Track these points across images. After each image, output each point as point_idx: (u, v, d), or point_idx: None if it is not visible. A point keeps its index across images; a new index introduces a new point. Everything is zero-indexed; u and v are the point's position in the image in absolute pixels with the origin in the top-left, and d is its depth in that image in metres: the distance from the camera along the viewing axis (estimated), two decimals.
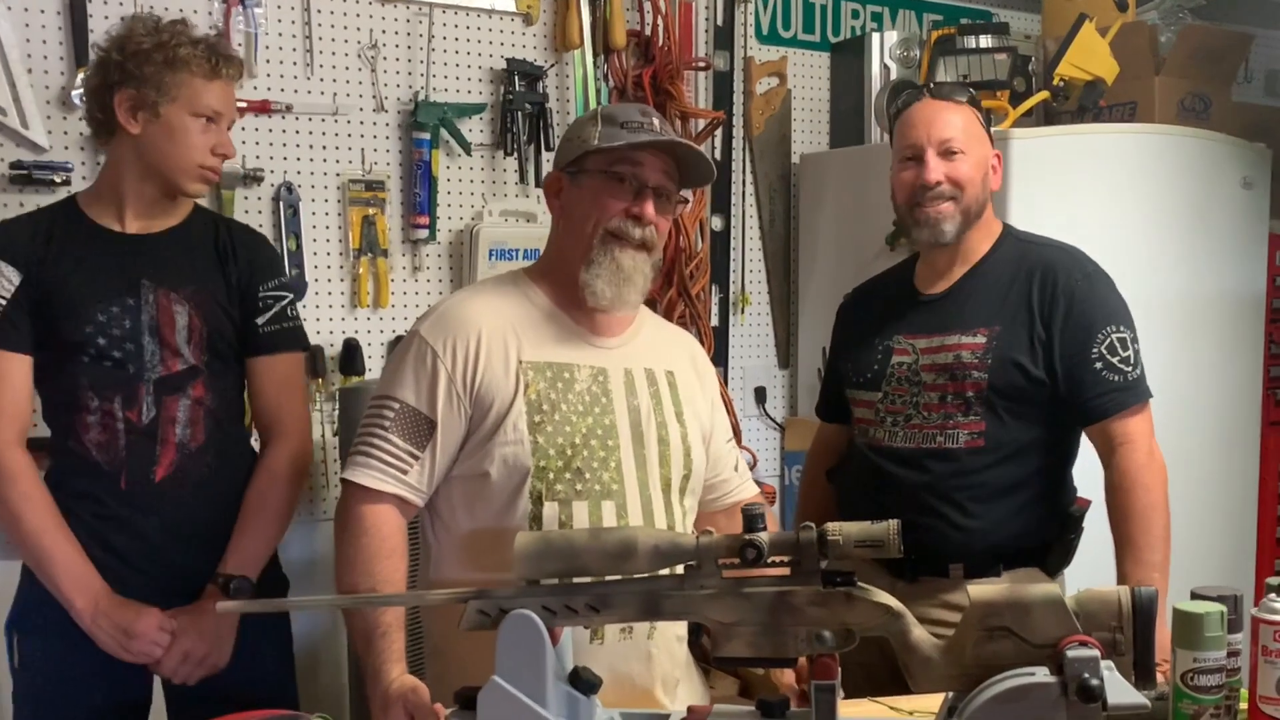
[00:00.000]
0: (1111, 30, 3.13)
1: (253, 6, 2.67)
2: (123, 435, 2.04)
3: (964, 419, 2.12)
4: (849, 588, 1.39)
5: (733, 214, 3.42)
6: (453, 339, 1.80)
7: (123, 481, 2.05)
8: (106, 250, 2.06)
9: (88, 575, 2.00)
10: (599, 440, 1.80)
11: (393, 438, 1.77)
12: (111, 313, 2.03)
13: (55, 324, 2.01)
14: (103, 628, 1.99)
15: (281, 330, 2.18)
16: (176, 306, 2.07)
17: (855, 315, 2.37)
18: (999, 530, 2.13)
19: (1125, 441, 2.06)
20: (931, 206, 2.13)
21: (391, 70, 2.87)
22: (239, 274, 2.14)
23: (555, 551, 1.42)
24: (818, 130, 3.57)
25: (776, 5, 3.46)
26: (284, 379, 2.19)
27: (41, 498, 2.01)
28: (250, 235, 2.25)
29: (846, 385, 2.29)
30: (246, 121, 2.68)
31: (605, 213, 1.80)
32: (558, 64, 3.08)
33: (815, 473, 2.46)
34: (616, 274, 1.80)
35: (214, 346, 2.10)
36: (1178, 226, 3.02)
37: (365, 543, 1.75)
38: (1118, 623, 1.36)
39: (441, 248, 2.96)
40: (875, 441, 2.21)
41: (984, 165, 2.16)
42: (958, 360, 2.12)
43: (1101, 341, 2.09)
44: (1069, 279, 2.13)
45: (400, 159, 2.89)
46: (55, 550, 1.99)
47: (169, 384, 2.07)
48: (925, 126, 2.15)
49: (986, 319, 2.13)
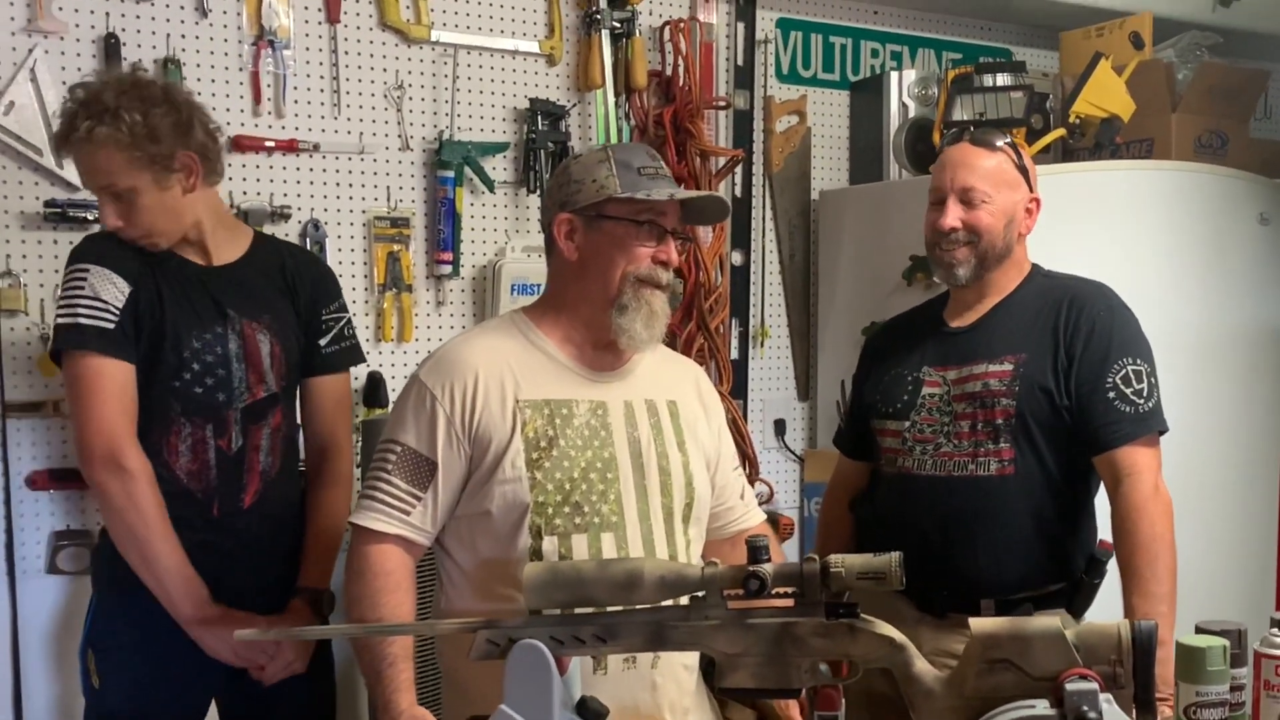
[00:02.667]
0: (1128, 68, 3.16)
1: (281, 49, 2.74)
2: (214, 465, 2.12)
3: (994, 446, 2.14)
4: (852, 619, 1.41)
5: (753, 249, 3.46)
6: (450, 382, 1.84)
7: (215, 509, 2.13)
8: (192, 281, 2.14)
9: (196, 583, 2.08)
10: (598, 473, 1.83)
11: (395, 480, 1.82)
12: (205, 339, 2.11)
13: (154, 345, 2.08)
14: (214, 633, 2.07)
15: (341, 350, 2.30)
16: (259, 335, 2.16)
17: (882, 349, 2.39)
18: (1029, 564, 2.14)
19: (1132, 473, 2.07)
20: (947, 251, 2.18)
21: (417, 110, 2.93)
22: (305, 300, 2.24)
23: (563, 582, 1.45)
24: (837, 167, 3.61)
25: (796, 45, 3.51)
26: (341, 397, 2.32)
27: (160, 502, 2.06)
28: (310, 259, 2.36)
29: (874, 416, 2.31)
30: (275, 160, 2.75)
31: (635, 260, 1.85)
32: (580, 103, 3.13)
33: (838, 507, 2.47)
34: (651, 317, 1.86)
35: (289, 373, 2.20)
36: (1195, 262, 3.03)
37: (370, 580, 1.80)
38: (1117, 656, 1.37)
39: (465, 283, 3.01)
40: (904, 470, 2.23)
41: (1010, 211, 2.18)
42: (986, 389, 2.15)
43: (1117, 372, 2.11)
44: (1093, 309, 2.16)
45: (425, 196, 2.94)
46: (169, 555, 2.05)
47: (254, 412, 2.16)
48: (951, 171, 2.19)
49: (1013, 347, 2.16)
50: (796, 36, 3.50)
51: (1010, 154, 2.21)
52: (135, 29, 2.60)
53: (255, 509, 2.17)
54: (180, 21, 2.65)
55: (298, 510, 2.26)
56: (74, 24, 2.54)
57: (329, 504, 2.26)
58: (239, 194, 2.71)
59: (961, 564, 2.14)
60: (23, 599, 2.51)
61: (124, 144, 2.01)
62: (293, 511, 2.25)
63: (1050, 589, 2.16)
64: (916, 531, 2.15)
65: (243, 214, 2.69)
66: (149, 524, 2.04)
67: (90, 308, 2.05)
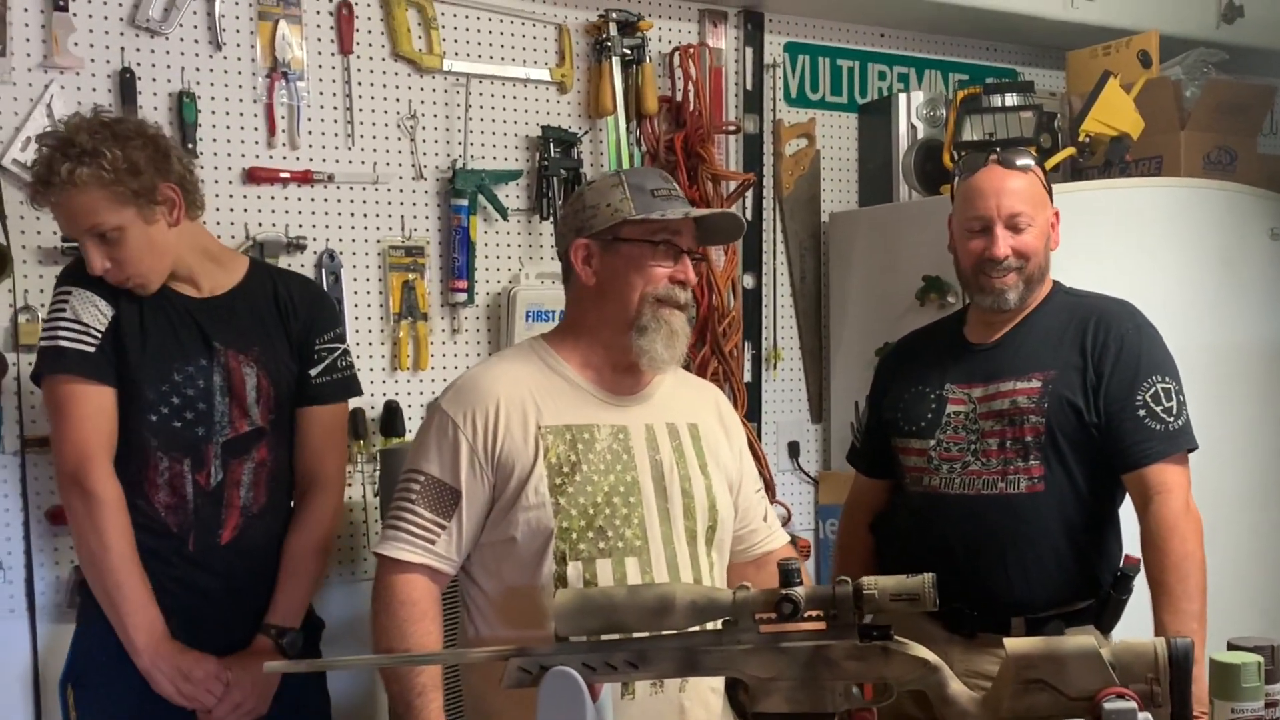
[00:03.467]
0: (1136, 87, 3.17)
1: (295, 81, 2.76)
2: (191, 499, 2.09)
3: (1024, 464, 2.14)
4: (886, 641, 1.41)
5: (764, 272, 3.47)
6: (472, 410, 1.84)
7: (191, 544, 2.10)
8: (178, 312, 2.12)
9: (155, 618, 2.04)
10: (621, 498, 1.84)
11: (420, 509, 1.82)
12: (187, 372, 2.09)
13: (130, 378, 2.06)
14: (161, 669, 2.03)
15: (332, 381, 2.25)
16: (245, 368, 2.13)
17: (901, 366, 2.38)
18: (1059, 580, 2.14)
19: (1162, 490, 2.07)
20: (998, 279, 2.17)
21: (430, 139, 2.94)
22: (299, 329, 2.20)
23: (594, 608, 1.45)
24: (846, 189, 3.62)
25: (805, 69, 3.52)
26: (329, 429, 2.26)
27: (128, 531, 2.04)
28: (307, 288, 2.31)
29: (895, 434, 2.30)
30: (290, 191, 2.76)
31: (653, 281, 1.86)
32: (591, 130, 3.15)
33: (856, 527, 2.46)
34: (671, 337, 1.87)
35: (279, 406, 2.16)
36: (1206, 278, 3.04)
37: (397, 610, 1.80)
38: (1154, 674, 1.37)
39: (480, 310, 3.01)
40: (931, 489, 2.22)
41: (1046, 231, 2.19)
42: (1014, 405, 2.14)
43: (1147, 390, 2.11)
44: (1121, 327, 2.16)
45: (439, 225, 2.95)
46: (130, 586, 2.03)
47: (235, 446, 2.12)
48: (995, 198, 2.17)
49: (1040, 364, 2.16)
50: (804, 60, 3.52)
51: (1038, 172, 2.21)
52: (150, 63, 2.62)
53: (234, 545, 2.13)
54: (195, 55, 2.66)
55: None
56: (89, 59, 2.56)
57: (304, 538, 2.21)
58: (254, 226, 2.72)
59: (992, 583, 2.14)
60: (42, 632, 2.50)
61: (107, 181, 1.99)
62: (277, 549, 2.20)
63: (1079, 605, 2.16)
64: (945, 551, 2.15)
65: (258, 245, 2.70)
66: (109, 549, 2.01)
67: (71, 331, 2.04)
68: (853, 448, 2.53)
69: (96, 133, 2.01)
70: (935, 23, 3.62)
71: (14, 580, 2.49)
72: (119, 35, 2.59)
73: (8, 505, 2.49)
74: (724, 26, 3.35)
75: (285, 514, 2.22)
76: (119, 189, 2.00)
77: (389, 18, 2.87)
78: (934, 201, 3.16)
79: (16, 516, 2.49)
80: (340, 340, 2.29)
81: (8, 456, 2.48)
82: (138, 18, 2.59)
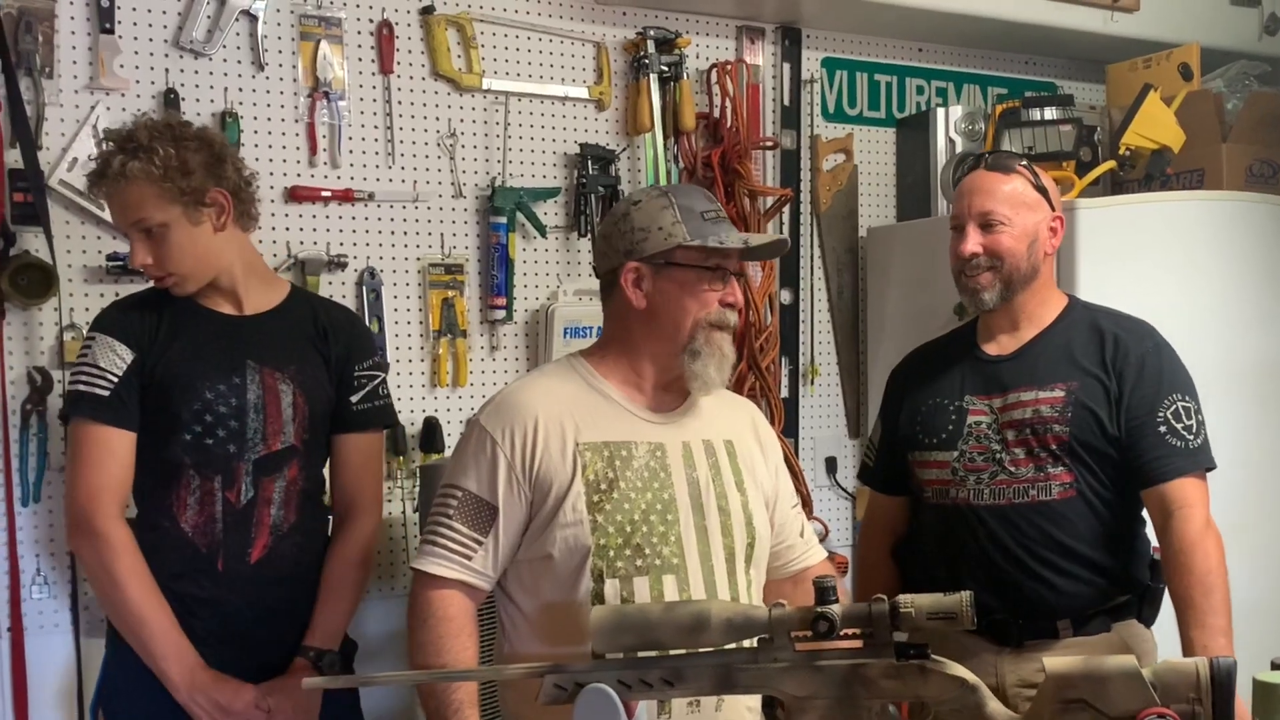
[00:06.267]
0: (1177, 99, 3.15)
1: (336, 100, 2.79)
2: (220, 517, 2.10)
3: (1053, 470, 2.15)
4: (923, 660, 1.40)
5: (801, 287, 3.46)
6: (510, 426, 1.85)
7: (219, 564, 2.10)
8: (215, 331, 2.14)
9: (184, 648, 2.05)
10: (658, 515, 1.84)
11: (457, 525, 1.83)
12: (219, 390, 2.10)
13: (163, 401, 2.08)
14: (199, 702, 2.04)
15: (373, 409, 2.27)
16: (281, 386, 2.14)
17: (912, 379, 2.38)
18: (1101, 579, 2.15)
19: (1183, 506, 2.08)
20: (971, 278, 2.20)
21: (469, 157, 2.96)
22: (336, 354, 2.22)
23: (630, 625, 1.45)
24: (884, 204, 3.61)
25: (842, 84, 3.52)
26: (368, 456, 2.27)
27: (143, 571, 2.06)
28: (346, 315, 2.34)
29: (914, 448, 2.30)
30: (331, 210, 2.79)
31: (706, 305, 1.87)
32: (629, 147, 3.16)
33: (877, 546, 2.45)
34: (722, 360, 1.89)
35: (314, 426, 2.18)
36: (1249, 292, 3.00)
37: (434, 626, 1.81)
38: (1196, 694, 1.35)
39: (518, 327, 3.03)
40: (959, 501, 2.21)
41: (1031, 233, 2.19)
42: (1037, 415, 2.15)
43: (1167, 407, 2.12)
44: (1141, 345, 2.18)
45: (478, 242, 2.97)
46: (154, 623, 2.04)
47: (267, 464, 2.13)
48: (969, 197, 2.21)
49: (1063, 375, 2.17)
50: (842, 75, 3.52)
51: (1027, 175, 2.22)
52: (194, 84, 2.66)
53: (263, 564, 2.13)
54: (238, 75, 2.70)
55: (316, 566, 2.22)
56: (135, 80, 2.60)
57: (344, 561, 2.22)
58: (295, 244, 2.75)
59: (1036, 589, 2.15)
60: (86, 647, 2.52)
61: (155, 177, 2.03)
62: (309, 568, 2.21)
63: (1120, 600, 2.18)
64: (982, 562, 2.17)
65: (300, 264, 2.73)
66: (123, 588, 2.03)
67: (90, 375, 2.07)
68: (864, 466, 2.53)
69: (156, 132, 2.07)
70: (973, 37, 3.61)
71: (58, 596, 2.53)
72: (163, 56, 2.63)
73: (52, 521, 2.52)
74: (761, 43, 3.36)
75: (313, 534, 2.23)
76: (167, 185, 2.03)
77: (429, 37, 2.90)
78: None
79: (61, 532, 2.52)
80: (379, 369, 2.32)
81: (53, 472, 2.51)
82: (182, 39, 2.64)
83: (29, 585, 2.50)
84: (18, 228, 2.46)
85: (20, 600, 2.48)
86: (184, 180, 2.05)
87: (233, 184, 2.13)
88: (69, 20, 2.54)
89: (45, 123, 2.50)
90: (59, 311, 2.52)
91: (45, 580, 2.52)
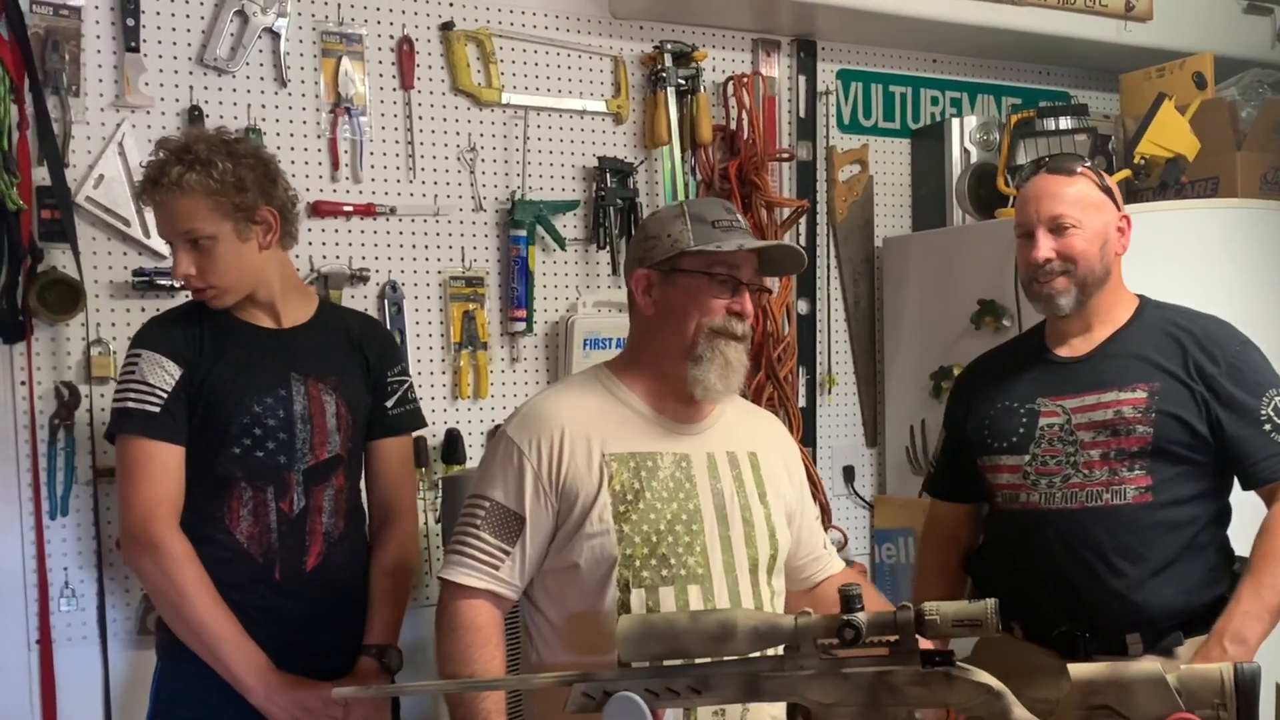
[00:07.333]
0: (1191, 108, 3.16)
1: (358, 116, 2.82)
2: (275, 527, 2.12)
3: (1130, 474, 2.10)
4: (948, 667, 1.40)
5: (818, 297, 3.48)
6: (537, 437, 1.86)
7: (277, 572, 2.12)
8: (258, 345, 2.16)
9: (256, 655, 2.07)
10: (683, 525, 1.85)
11: (484, 535, 1.84)
12: (266, 403, 2.12)
13: (211, 416, 2.10)
14: (280, 704, 2.05)
15: (405, 413, 2.32)
16: (325, 396, 2.17)
17: (981, 385, 2.33)
18: (1173, 591, 2.09)
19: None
20: (1045, 283, 2.16)
21: (489, 171, 2.99)
22: (371, 362, 2.26)
23: (656, 634, 1.46)
24: (900, 214, 3.63)
25: (857, 96, 3.55)
26: (404, 459, 2.33)
27: (206, 581, 2.06)
28: (373, 323, 2.39)
29: (982, 453, 2.26)
30: (353, 224, 2.82)
31: (709, 312, 1.87)
32: (647, 160, 3.19)
33: (938, 554, 2.41)
34: (726, 368, 1.87)
35: (356, 435, 2.21)
36: (1265, 300, 3.00)
37: (461, 635, 1.82)
38: (1221, 700, 1.36)
39: (538, 339, 3.05)
40: (1030, 505, 2.17)
41: (1102, 234, 2.16)
42: (1119, 416, 2.11)
43: (1268, 404, 2.10)
44: (1227, 345, 2.15)
45: (498, 255, 3.00)
46: (224, 632, 2.05)
47: (317, 473, 2.16)
48: (1035, 202, 2.17)
49: (1144, 376, 2.13)
50: (857, 87, 3.54)
51: (1092, 176, 2.19)
52: (218, 100, 2.69)
53: (318, 571, 2.16)
54: (260, 92, 2.73)
55: (362, 573, 2.25)
56: (159, 97, 2.63)
57: (393, 562, 2.25)
58: (318, 258, 2.78)
59: (1104, 599, 2.09)
60: (114, 659, 2.56)
61: (212, 190, 2.04)
62: (357, 575, 2.24)
63: (1195, 614, 2.10)
64: (1052, 570, 2.12)
65: (323, 277, 2.76)
66: (189, 599, 2.04)
67: (139, 392, 2.08)
68: (929, 476, 2.49)
69: (214, 145, 2.09)
70: (987, 47, 3.63)
71: (86, 608, 2.55)
72: (188, 74, 2.66)
73: (80, 534, 2.55)
74: (777, 55, 3.39)
75: (359, 540, 2.27)
76: (221, 200, 2.05)
77: (449, 53, 2.93)
78: (988, 226, 3.16)
79: (89, 545, 2.55)
80: (406, 374, 2.36)
81: (80, 486, 2.54)
82: (206, 57, 2.67)
83: (57, 598, 2.53)
84: (45, 244, 2.50)
85: (49, 613, 2.51)
86: (238, 196, 2.07)
87: (281, 203, 2.16)
88: (95, 39, 2.57)
89: (72, 140, 2.54)
90: (86, 327, 2.55)
91: (74, 593, 2.55)
